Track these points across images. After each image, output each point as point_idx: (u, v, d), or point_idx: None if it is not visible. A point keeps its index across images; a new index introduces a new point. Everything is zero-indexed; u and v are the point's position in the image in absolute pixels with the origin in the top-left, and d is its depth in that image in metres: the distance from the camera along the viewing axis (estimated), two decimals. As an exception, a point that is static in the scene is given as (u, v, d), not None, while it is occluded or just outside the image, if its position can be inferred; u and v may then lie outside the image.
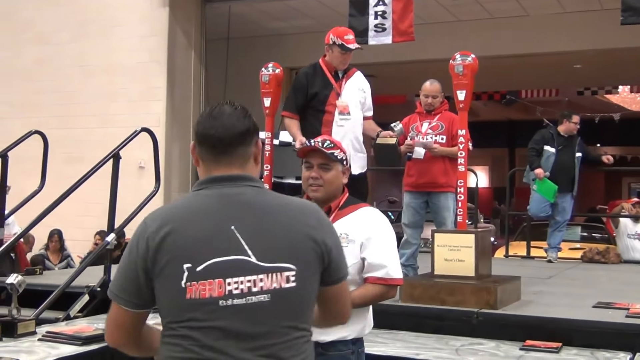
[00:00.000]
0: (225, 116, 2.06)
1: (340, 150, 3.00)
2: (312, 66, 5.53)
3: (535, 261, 9.04)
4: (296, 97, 5.46)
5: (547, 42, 12.39)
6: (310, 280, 1.97)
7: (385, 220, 3.00)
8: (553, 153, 8.33)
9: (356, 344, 2.92)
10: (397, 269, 2.94)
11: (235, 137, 2.04)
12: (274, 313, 1.90)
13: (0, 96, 11.89)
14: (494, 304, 4.76)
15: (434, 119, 6.24)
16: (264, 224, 1.95)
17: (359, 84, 5.56)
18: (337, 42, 5.33)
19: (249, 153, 2.07)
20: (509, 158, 26.16)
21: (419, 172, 6.15)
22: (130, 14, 11.18)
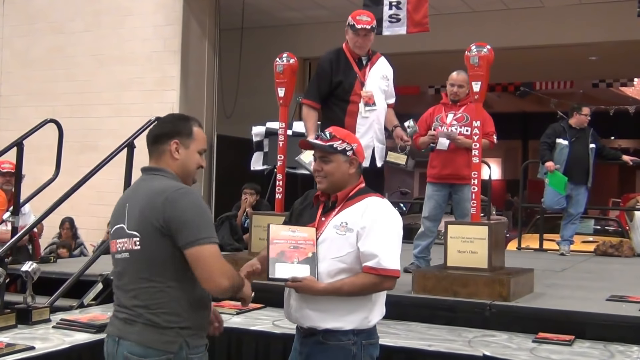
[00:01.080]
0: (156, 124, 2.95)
1: (342, 141, 3.02)
2: (336, 52, 5.37)
3: (547, 254, 9.01)
4: (319, 85, 5.32)
5: (562, 33, 12.30)
6: (153, 245, 2.64)
7: (386, 211, 2.97)
8: (566, 145, 8.29)
9: (359, 336, 2.92)
10: (391, 259, 2.90)
11: (151, 139, 2.88)
12: (131, 266, 2.70)
13: (16, 85, 11.94)
14: (506, 296, 4.75)
15: (459, 110, 6.22)
16: (136, 202, 2.72)
17: (382, 71, 5.45)
18: (350, 23, 5.25)
19: (161, 150, 2.83)
20: (522, 150, 26.08)
21: (443, 163, 6.18)
22: (144, 3, 11.19)
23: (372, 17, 5.31)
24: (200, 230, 2.61)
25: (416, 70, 15.83)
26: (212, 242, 2.63)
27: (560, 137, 8.36)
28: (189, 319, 2.68)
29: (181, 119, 2.91)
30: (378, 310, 3.00)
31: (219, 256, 2.65)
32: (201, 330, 2.76)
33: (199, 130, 2.89)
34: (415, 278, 5.08)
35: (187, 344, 2.66)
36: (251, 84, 12.50)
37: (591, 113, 8.64)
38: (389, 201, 3.11)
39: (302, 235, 2.99)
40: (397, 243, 2.95)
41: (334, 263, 2.93)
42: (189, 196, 2.67)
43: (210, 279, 2.60)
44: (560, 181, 8.20)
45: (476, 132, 5.30)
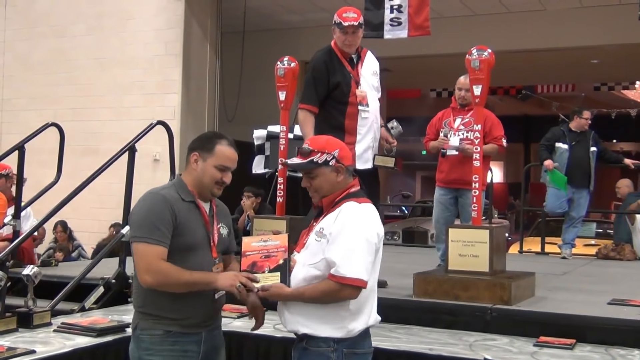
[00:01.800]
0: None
1: (321, 153, 2.96)
2: (328, 53, 5.22)
3: (549, 257, 9.00)
4: (317, 88, 5.15)
5: (564, 36, 12.31)
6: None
7: (355, 217, 2.87)
8: (566, 149, 8.27)
9: (339, 344, 2.87)
10: (352, 268, 2.79)
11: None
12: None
13: (18, 89, 11.96)
14: (508, 299, 4.75)
15: (467, 114, 6.27)
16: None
17: (372, 67, 5.33)
18: (336, 21, 5.12)
19: (187, 160, 3.13)
20: (524, 153, 26.04)
21: (450, 168, 6.27)
22: (145, 6, 11.21)
23: (358, 13, 5.17)
24: (135, 229, 2.99)
25: (417, 74, 15.87)
26: (143, 242, 2.93)
27: (560, 141, 8.35)
28: (147, 305, 3.03)
29: (211, 136, 3.17)
30: (361, 319, 2.91)
31: (146, 255, 2.93)
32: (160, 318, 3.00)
33: (224, 148, 3.08)
34: (416, 282, 5.08)
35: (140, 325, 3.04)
36: (253, 87, 12.51)
37: (593, 116, 8.63)
38: (389, 203, 3.09)
39: (273, 243, 3.01)
40: (362, 251, 2.83)
41: (309, 270, 2.91)
42: (144, 198, 3.02)
43: (138, 274, 2.97)
44: (561, 179, 8.20)
45: (477, 135, 5.29)
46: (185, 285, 2.95)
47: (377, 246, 2.91)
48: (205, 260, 3.07)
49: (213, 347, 3.16)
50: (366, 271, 2.84)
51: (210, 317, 3.14)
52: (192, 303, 3.02)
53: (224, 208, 3.31)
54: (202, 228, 3.07)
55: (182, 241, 2.99)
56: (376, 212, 3.00)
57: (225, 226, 3.22)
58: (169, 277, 2.93)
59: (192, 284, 2.96)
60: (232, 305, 5.15)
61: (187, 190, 3.08)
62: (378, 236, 2.91)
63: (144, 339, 3.02)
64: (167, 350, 3.01)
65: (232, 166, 3.10)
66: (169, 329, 3.00)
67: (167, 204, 2.97)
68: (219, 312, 3.24)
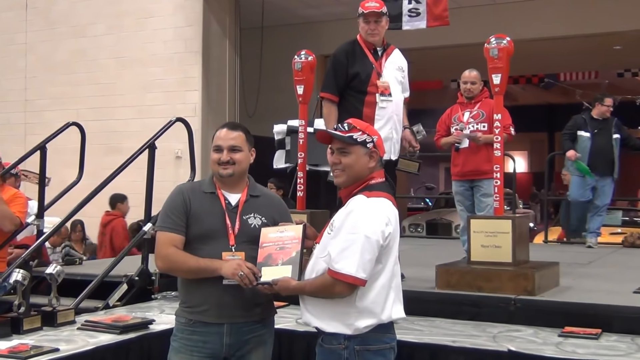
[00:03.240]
0: None
1: (362, 132, 2.92)
2: (351, 43, 5.28)
3: (574, 246, 8.91)
4: (336, 77, 5.19)
5: (586, 23, 12.17)
6: None
7: (357, 212, 2.81)
8: (588, 137, 8.20)
9: (351, 341, 2.83)
10: (346, 264, 2.75)
11: None
12: None
13: (40, 89, 12.07)
14: (532, 290, 4.70)
15: (474, 107, 6.41)
16: None
17: (398, 62, 5.35)
18: (359, 12, 5.18)
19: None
20: (548, 142, 25.80)
21: (464, 161, 6.37)
22: (164, 4, 11.25)
23: (380, 3, 5.20)
24: (158, 219, 3.22)
25: (438, 65, 15.77)
26: (158, 230, 3.17)
27: (582, 129, 8.28)
28: (179, 291, 3.25)
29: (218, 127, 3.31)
30: (371, 316, 2.83)
31: (158, 241, 3.14)
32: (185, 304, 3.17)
33: (220, 131, 3.24)
34: (439, 273, 5.05)
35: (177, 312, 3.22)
36: (272, 82, 12.51)
37: (617, 103, 8.52)
38: (412, 195, 3.06)
39: (289, 234, 3.01)
40: (358, 247, 2.75)
41: (320, 262, 2.89)
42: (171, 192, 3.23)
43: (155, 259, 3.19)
44: (584, 169, 8.14)
45: (497, 125, 5.25)
46: (190, 271, 3.08)
47: (382, 243, 2.80)
48: (221, 248, 3.10)
49: (242, 341, 3.12)
50: (361, 268, 2.75)
51: (235, 309, 3.09)
52: (204, 291, 3.09)
53: (270, 199, 3.34)
54: (219, 217, 3.14)
55: (196, 230, 3.12)
56: (388, 207, 2.88)
57: (260, 216, 3.20)
58: (174, 262, 3.10)
59: (198, 270, 3.06)
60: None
61: (210, 183, 3.23)
62: (382, 233, 2.80)
63: (175, 324, 3.22)
64: (186, 339, 3.12)
65: (224, 144, 3.18)
66: (190, 318, 3.12)
67: (181, 194, 3.17)
68: (254, 307, 3.14)
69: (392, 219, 2.86)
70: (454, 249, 6.96)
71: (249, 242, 3.13)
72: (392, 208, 2.90)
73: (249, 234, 3.14)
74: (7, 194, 5.58)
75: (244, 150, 3.22)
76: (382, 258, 2.84)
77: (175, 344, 3.16)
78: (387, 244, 2.84)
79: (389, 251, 2.86)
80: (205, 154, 10.71)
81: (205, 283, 3.07)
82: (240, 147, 3.20)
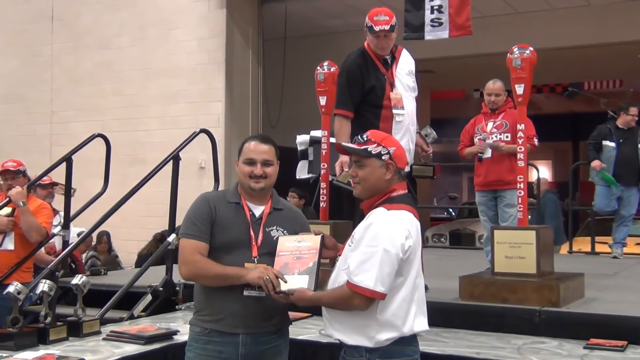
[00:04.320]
0: None
1: (378, 144, 2.91)
2: (361, 55, 5.07)
3: (599, 257, 8.84)
4: (351, 92, 5.00)
5: (609, 32, 12.09)
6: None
7: (376, 225, 2.80)
8: (613, 147, 8.14)
9: (372, 353, 2.81)
10: (363, 276, 2.74)
11: None
12: None
13: (66, 101, 12.21)
14: (556, 301, 4.67)
15: (498, 117, 6.38)
16: None
17: (407, 67, 5.18)
18: (367, 24, 4.95)
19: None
20: (572, 152, 25.60)
21: (487, 171, 6.35)
22: (188, 16, 11.34)
23: (390, 15, 4.96)
24: (182, 227, 3.17)
25: (460, 74, 15.72)
26: (182, 237, 3.13)
27: (607, 139, 8.22)
28: (195, 299, 3.24)
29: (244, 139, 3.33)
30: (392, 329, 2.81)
31: (183, 248, 3.11)
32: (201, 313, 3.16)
33: (249, 144, 3.23)
34: (462, 284, 5.03)
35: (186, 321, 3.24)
36: (295, 93, 12.55)
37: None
38: (435, 205, 3.05)
39: (307, 244, 3.01)
40: (377, 261, 2.74)
41: (341, 274, 2.89)
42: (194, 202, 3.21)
43: (178, 266, 3.15)
44: (609, 179, 8.09)
45: (521, 135, 5.23)
46: (217, 277, 3.06)
47: (402, 257, 2.78)
48: (244, 259, 3.08)
49: (258, 352, 3.10)
50: (380, 282, 2.74)
51: (252, 319, 3.07)
52: (223, 300, 3.08)
53: (292, 213, 3.33)
54: (244, 228, 3.13)
55: (220, 239, 3.11)
56: (409, 220, 2.86)
57: (282, 229, 3.18)
58: (201, 268, 3.07)
59: (224, 277, 3.04)
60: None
61: (235, 193, 3.22)
62: (402, 246, 2.78)
63: (190, 333, 3.19)
64: (201, 348, 3.10)
65: (258, 157, 3.16)
66: (206, 327, 3.10)
67: (207, 202, 3.16)
68: (272, 317, 3.13)
69: (412, 232, 2.85)
70: (478, 260, 6.93)
71: (270, 254, 3.10)
72: (413, 220, 2.89)
73: (271, 246, 3.12)
74: (33, 204, 5.65)
75: (274, 164, 3.22)
76: (403, 271, 2.83)
77: (190, 354, 3.14)
78: (408, 257, 2.82)
79: (409, 264, 2.84)
80: (229, 165, 10.77)
81: (224, 292, 3.06)
82: (272, 161, 3.21)
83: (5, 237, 5.52)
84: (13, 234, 5.52)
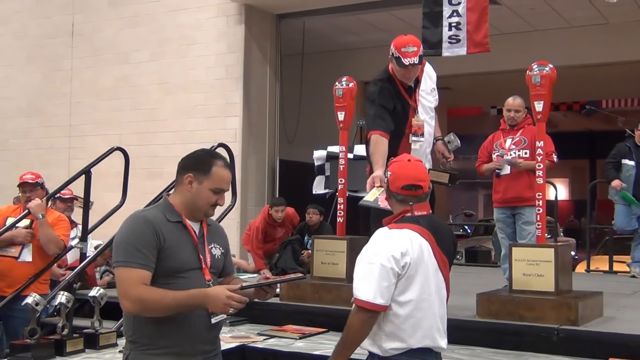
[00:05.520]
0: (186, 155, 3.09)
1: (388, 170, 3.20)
2: (387, 79, 5.01)
3: (618, 276, 8.76)
4: (386, 114, 4.89)
5: (627, 49, 12.05)
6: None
7: (373, 242, 2.99)
8: (633, 166, 8.09)
9: None
10: (361, 289, 2.90)
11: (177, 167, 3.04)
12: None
13: (84, 115, 12.29)
14: (575, 320, 4.64)
15: (516, 134, 6.37)
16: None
17: (430, 84, 5.13)
18: (395, 55, 4.84)
19: (179, 180, 2.98)
20: (589, 170, 25.50)
21: (505, 188, 6.33)
22: (207, 32, 11.41)
23: (418, 45, 4.87)
24: (116, 253, 2.79)
25: (478, 91, 15.73)
26: (123, 266, 2.74)
27: (626, 158, 8.16)
28: (136, 333, 2.81)
29: (207, 155, 3.00)
30: (398, 341, 2.94)
31: (125, 279, 2.73)
32: (149, 348, 2.77)
33: (220, 170, 2.92)
34: (479, 302, 5.00)
35: (131, 356, 2.80)
36: (312, 108, 12.59)
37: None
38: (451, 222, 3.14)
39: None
40: (373, 275, 2.88)
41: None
42: (126, 221, 2.83)
43: (120, 300, 2.76)
44: (630, 198, 8.03)
45: (540, 152, 5.21)
46: (168, 309, 2.72)
47: (398, 271, 2.90)
48: (198, 284, 2.81)
49: None
50: (379, 295, 2.88)
51: (208, 344, 2.89)
52: (185, 328, 2.79)
53: (218, 227, 3.11)
54: (192, 249, 2.86)
55: (170, 264, 2.79)
56: (410, 237, 2.96)
57: (218, 246, 3.00)
58: (149, 301, 2.71)
59: (177, 307, 2.72)
60: (293, 326, 5.18)
61: (173, 211, 2.89)
62: (397, 262, 2.90)
63: None
64: None
65: (227, 188, 2.95)
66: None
67: (150, 226, 2.78)
68: (218, 337, 3.00)
69: (411, 250, 2.94)
70: (494, 277, 6.90)
71: (215, 274, 2.96)
72: (415, 238, 2.98)
73: (215, 266, 2.96)
74: (51, 217, 5.68)
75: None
76: (407, 287, 2.93)
77: None
78: (407, 273, 2.92)
79: (411, 280, 2.94)
80: (245, 180, 10.81)
81: (182, 319, 2.78)
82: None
83: (24, 248, 5.54)
84: (31, 245, 5.54)
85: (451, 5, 8.11)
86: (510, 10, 11.39)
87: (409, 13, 10.64)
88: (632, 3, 11.09)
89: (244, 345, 4.74)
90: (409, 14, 10.66)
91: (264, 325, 5.37)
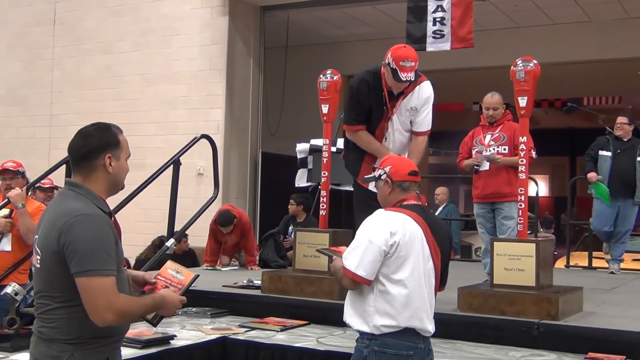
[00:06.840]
0: (79, 138, 2.87)
1: (378, 168, 3.42)
2: (373, 74, 5.05)
3: (597, 272, 8.82)
4: (360, 106, 5.07)
5: (610, 48, 12.14)
6: (51, 267, 2.57)
7: (369, 220, 3.21)
8: (608, 157, 8.06)
9: (371, 340, 3.12)
10: (349, 259, 3.14)
11: (79, 155, 2.79)
12: (35, 280, 2.68)
13: (66, 104, 12.19)
14: (555, 314, 4.67)
15: (496, 130, 6.42)
16: (49, 218, 2.64)
17: (413, 102, 5.08)
18: (392, 66, 4.82)
19: (93, 166, 2.76)
20: (570, 166, 25.67)
21: (484, 184, 6.39)
22: (190, 23, 11.35)
23: (415, 60, 4.86)
24: (90, 261, 2.50)
25: (461, 87, 15.77)
26: (101, 275, 2.49)
27: (604, 149, 8.16)
28: (81, 332, 2.57)
29: (105, 128, 2.87)
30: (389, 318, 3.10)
31: (104, 290, 2.49)
32: (98, 344, 2.61)
33: (123, 137, 2.89)
34: (461, 296, 5.02)
35: (75, 357, 2.56)
36: (296, 102, 12.57)
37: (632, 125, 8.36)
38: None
39: (180, 278, 2.94)
40: (361, 249, 3.12)
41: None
42: (86, 224, 2.54)
43: (95, 312, 2.49)
44: (604, 192, 8.02)
45: (522, 147, 5.24)
46: (139, 315, 2.67)
47: (384, 249, 3.09)
48: (125, 278, 2.73)
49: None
50: (362, 268, 3.10)
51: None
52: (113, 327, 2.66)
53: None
54: (118, 242, 2.68)
55: (118, 261, 2.65)
56: (403, 220, 3.15)
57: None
58: (130, 312, 2.60)
59: (145, 313, 2.70)
60: (274, 318, 5.18)
61: (102, 201, 2.73)
62: (385, 241, 3.10)
63: None
64: None
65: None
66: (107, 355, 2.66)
67: (109, 225, 2.63)
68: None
69: (402, 231, 3.13)
70: (475, 272, 6.92)
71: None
72: (409, 222, 3.17)
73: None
74: (31, 206, 5.62)
75: None
76: (397, 266, 3.11)
77: None
78: (396, 253, 3.10)
79: (401, 261, 3.11)
80: (227, 172, 10.78)
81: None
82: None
83: (3, 238, 5.49)
84: (10, 235, 5.50)
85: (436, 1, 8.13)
86: (495, 7, 11.42)
87: (394, 7, 10.64)
88: (615, 2, 11.17)
89: (225, 337, 4.73)
90: (394, 8, 10.67)
91: (245, 317, 5.36)
